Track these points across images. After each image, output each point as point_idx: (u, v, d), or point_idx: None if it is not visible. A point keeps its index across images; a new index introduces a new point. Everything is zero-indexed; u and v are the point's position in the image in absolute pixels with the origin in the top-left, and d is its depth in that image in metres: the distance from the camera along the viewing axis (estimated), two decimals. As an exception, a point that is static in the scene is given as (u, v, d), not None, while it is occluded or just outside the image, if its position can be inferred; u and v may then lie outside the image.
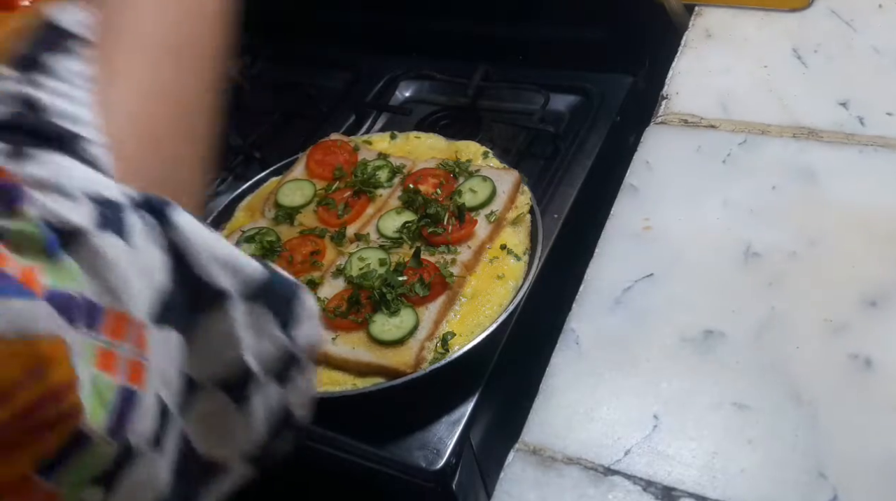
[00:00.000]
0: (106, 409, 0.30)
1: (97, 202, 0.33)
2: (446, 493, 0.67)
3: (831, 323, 0.62)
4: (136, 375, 0.32)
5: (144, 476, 0.33)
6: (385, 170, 0.83)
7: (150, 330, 0.33)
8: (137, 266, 0.33)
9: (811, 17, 0.92)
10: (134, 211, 0.34)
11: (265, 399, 0.39)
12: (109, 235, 0.32)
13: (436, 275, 0.70)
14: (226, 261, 0.36)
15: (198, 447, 0.37)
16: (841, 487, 0.53)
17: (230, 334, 0.37)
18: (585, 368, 0.63)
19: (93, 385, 0.30)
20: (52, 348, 0.28)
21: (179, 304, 0.35)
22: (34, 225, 0.30)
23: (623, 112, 0.95)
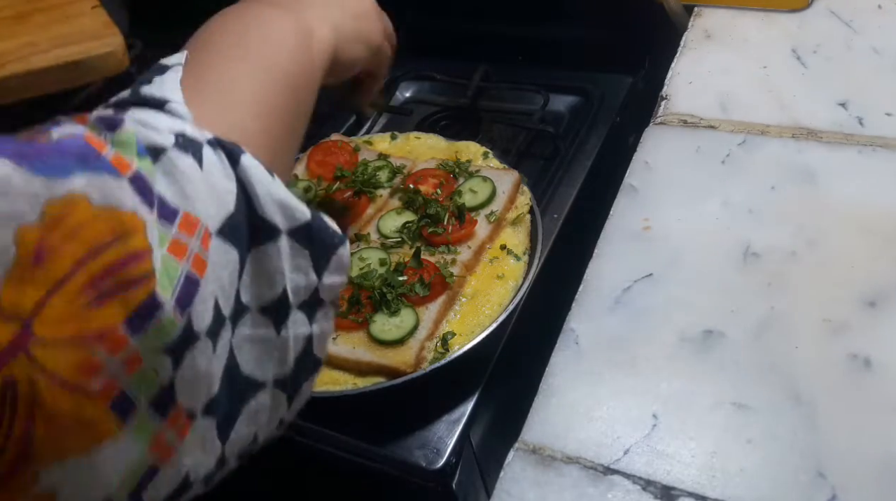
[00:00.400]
0: (172, 284, 0.35)
1: (178, 135, 0.39)
2: (446, 492, 0.67)
3: (831, 323, 0.63)
4: (200, 267, 0.37)
5: (204, 364, 0.37)
6: (385, 171, 0.83)
7: (215, 239, 0.38)
8: (208, 185, 0.39)
9: (811, 17, 0.92)
10: (209, 147, 0.40)
11: (295, 329, 0.44)
12: (186, 155, 0.38)
13: (436, 275, 0.70)
14: (280, 201, 0.42)
15: (241, 362, 0.41)
16: (840, 487, 0.53)
17: (277, 265, 0.42)
18: (585, 368, 0.63)
19: (163, 263, 0.35)
20: (132, 220, 0.34)
21: (241, 229, 0.40)
22: (131, 136, 0.37)
23: (623, 112, 0.96)
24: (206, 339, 0.37)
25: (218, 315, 0.39)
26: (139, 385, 0.34)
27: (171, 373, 0.36)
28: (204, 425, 0.39)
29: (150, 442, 0.36)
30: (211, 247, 0.38)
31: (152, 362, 0.34)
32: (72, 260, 0.32)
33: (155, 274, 0.34)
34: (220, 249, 0.39)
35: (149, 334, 0.34)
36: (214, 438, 0.40)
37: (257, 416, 0.44)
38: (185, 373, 0.36)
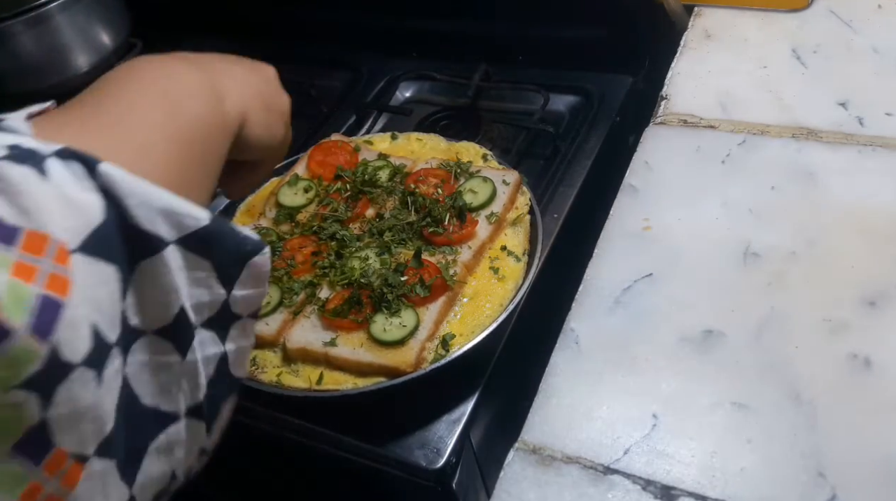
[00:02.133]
0: (25, 310, 0.30)
1: (11, 147, 0.33)
2: (446, 492, 0.67)
3: (831, 322, 0.63)
4: (59, 287, 0.32)
5: (87, 398, 0.33)
6: (386, 171, 0.83)
7: (77, 256, 0.33)
8: (59, 198, 0.33)
9: (810, 17, 0.92)
10: (57, 158, 0.34)
11: (203, 351, 0.40)
12: (21, 166, 0.32)
13: (437, 277, 0.70)
14: (163, 209, 0.36)
15: (142, 395, 0.37)
16: (840, 486, 0.53)
17: (168, 282, 0.37)
18: (585, 368, 0.63)
19: (9, 289, 0.30)
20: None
21: (114, 243, 0.35)
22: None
23: (623, 112, 0.96)
24: (85, 369, 0.32)
25: (99, 341, 0.33)
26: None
27: (39, 411, 0.31)
28: (101, 468, 0.34)
29: (22, 495, 0.31)
30: (73, 265, 0.33)
31: (6, 400, 0.29)
32: None
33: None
34: (89, 267, 0.33)
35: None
36: (117, 482, 0.35)
37: (171, 452, 0.39)
38: (60, 411, 0.31)
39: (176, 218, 0.37)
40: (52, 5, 1.11)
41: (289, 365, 0.69)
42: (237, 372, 0.43)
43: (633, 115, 0.93)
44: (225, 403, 0.43)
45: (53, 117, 0.40)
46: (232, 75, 0.53)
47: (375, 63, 1.11)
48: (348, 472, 0.74)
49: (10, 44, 1.11)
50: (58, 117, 0.40)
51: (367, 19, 1.15)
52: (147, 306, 0.37)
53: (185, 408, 0.39)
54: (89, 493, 0.33)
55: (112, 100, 0.42)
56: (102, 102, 0.42)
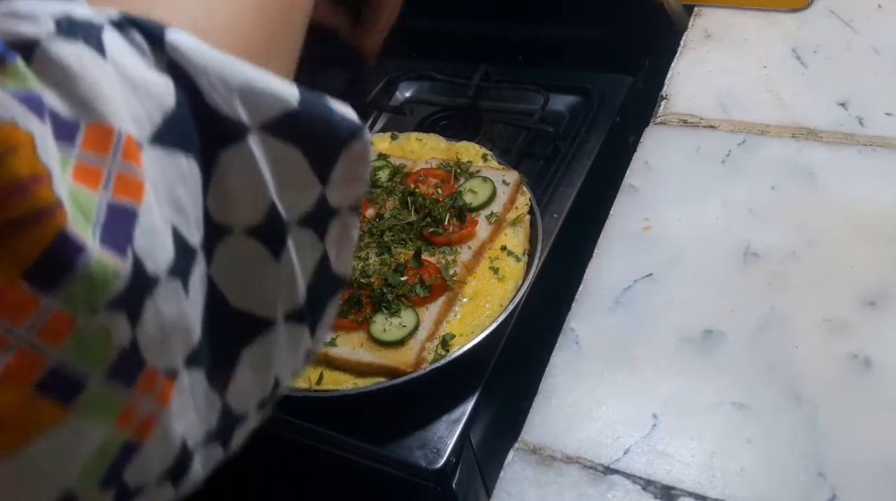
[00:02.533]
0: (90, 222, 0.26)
1: (61, 20, 0.27)
2: (446, 492, 0.67)
3: (831, 323, 0.63)
4: (131, 190, 0.27)
5: (174, 311, 0.29)
6: (386, 171, 0.83)
7: (149, 149, 0.28)
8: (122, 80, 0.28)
9: (810, 17, 0.92)
10: (115, 29, 0.29)
11: (301, 251, 0.35)
12: (74, 44, 0.27)
13: (437, 278, 0.71)
14: (243, 87, 0.31)
15: (230, 296, 0.33)
16: (840, 487, 0.53)
17: (255, 174, 0.32)
18: (585, 368, 0.63)
19: (73, 198, 0.25)
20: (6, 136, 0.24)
21: (192, 132, 0.30)
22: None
23: (623, 112, 0.96)
24: (171, 280, 0.29)
25: (182, 246, 0.30)
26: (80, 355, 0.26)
27: (129, 333, 0.27)
28: (191, 380, 0.31)
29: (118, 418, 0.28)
30: (145, 161, 0.28)
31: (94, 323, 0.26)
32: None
33: (62, 206, 0.25)
34: (164, 161, 0.29)
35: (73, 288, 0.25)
36: (207, 390, 0.32)
37: (269, 358, 0.35)
38: (149, 328, 0.28)
39: (258, 98, 0.31)
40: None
41: (289, 365, 0.69)
42: (341, 269, 0.38)
43: (633, 115, 0.93)
44: (329, 303, 0.38)
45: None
46: None
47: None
48: (348, 472, 0.74)
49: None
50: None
51: (367, 19, 1.15)
52: (233, 201, 0.32)
53: (283, 313, 0.35)
54: (181, 407, 0.30)
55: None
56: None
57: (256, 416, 0.36)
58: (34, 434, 0.26)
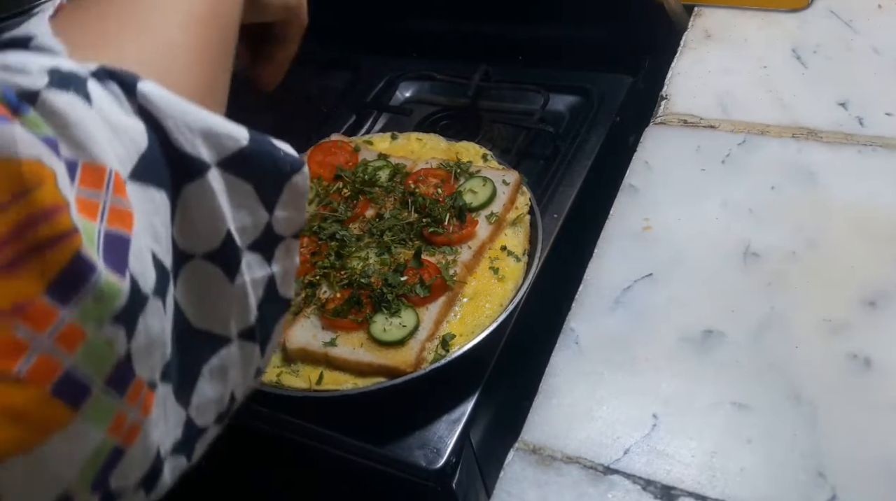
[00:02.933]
0: (94, 247, 0.29)
1: (52, 72, 0.31)
2: (446, 492, 0.67)
3: (831, 323, 0.63)
4: (123, 220, 0.31)
5: (157, 327, 0.33)
6: (386, 171, 0.83)
7: (130, 184, 0.32)
8: (105, 124, 0.32)
9: (811, 17, 0.92)
10: (96, 80, 0.33)
11: (251, 274, 0.39)
12: (66, 93, 0.31)
13: (437, 278, 0.70)
14: (203, 130, 0.35)
15: (190, 315, 0.37)
16: (840, 486, 0.53)
17: (214, 205, 0.36)
18: (585, 368, 0.63)
19: (82, 226, 0.29)
20: (34, 171, 0.28)
21: (160, 168, 0.34)
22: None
23: (623, 112, 0.96)
24: (155, 299, 0.33)
25: (160, 270, 0.34)
26: (89, 363, 0.29)
27: (125, 345, 0.31)
28: (163, 393, 0.34)
29: (111, 425, 0.31)
30: (129, 195, 0.32)
31: (101, 336, 0.30)
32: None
33: (78, 232, 0.29)
34: (142, 194, 0.33)
35: (85, 303, 0.29)
36: (174, 404, 0.36)
37: (225, 374, 0.39)
38: (140, 342, 0.32)
39: (216, 139, 0.36)
40: (52, 5, 1.11)
41: (289, 365, 0.69)
42: (285, 292, 0.42)
43: (633, 115, 0.93)
44: (276, 324, 0.42)
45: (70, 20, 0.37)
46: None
47: (375, 63, 1.11)
48: (348, 472, 0.74)
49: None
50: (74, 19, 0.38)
51: (367, 19, 1.15)
52: (194, 230, 0.36)
53: (236, 331, 0.39)
54: (157, 418, 0.34)
55: None
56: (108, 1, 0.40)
57: (215, 429, 0.40)
58: (48, 433, 0.28)
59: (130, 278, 0.31)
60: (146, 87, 0.34)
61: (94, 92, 0.32)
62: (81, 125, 0.31)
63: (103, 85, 0.33)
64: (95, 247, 0.29)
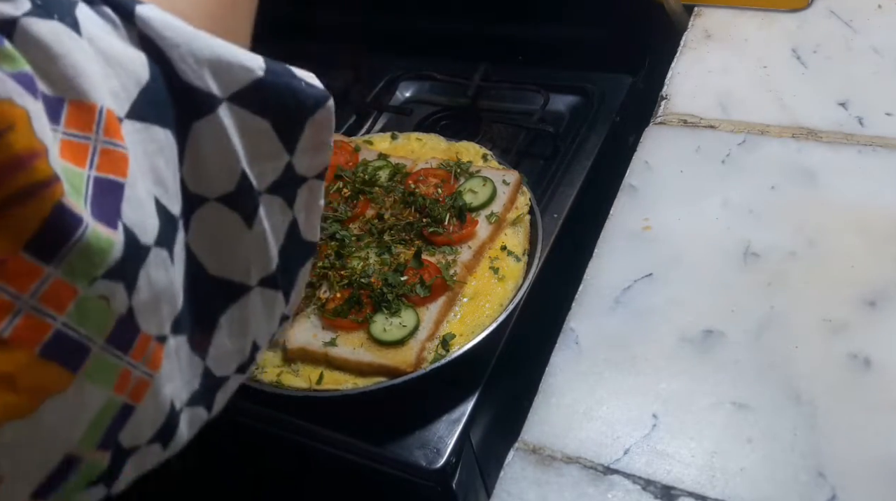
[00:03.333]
0: (81, 195, 0.26)
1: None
2: (446, 492, 0.67)
3: (831, 323, 0.63)
4: (116, 165, 0.28)
5: (163, 278, 0.30)
6: (386, 171, 0.83)
7: (128, 123, 0.29)
8: (98, 56, 0.28)
9: (810, 17, 0.92)
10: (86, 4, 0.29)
11: (271, 218, 0.36)
12: (50, 22, 0.27)
13: (437, 278, 0.71)
14: (211, 59, 0.31)
15: (207, 263, 0.34)
16: (840, 487, 0.53)
17: (226, 144, 0.33)
18: (585, 368, 0.63)
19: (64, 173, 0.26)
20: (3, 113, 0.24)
21: (166, 105, 0.31)
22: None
23: (623, 112, 0.96)
24: (159, 249, 0.30)
25: (166, 216, 0.30)
26: (85, 321, 0.27)
27: (126, 301, 0.28)
28: (176, 344, 0.32)
29: (116, 384, 0.29)
30: (126, 135, 0.29)
31: (94, 292, 0.27)
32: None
33: (59, 180, 0.25)
34: (142, 134, 0.29)
35: (71, 258, 0.26)
36: (189, 354, 0.34)
37: (245, 323, 0.36)
38: (142, 296, 0.29)
39: (227, 69, 0.32)
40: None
41: (289, 365, 0.69)
42: (309, 236, 0.39)
43: (633, 115, 0.93)
44: (301, 269, 0.39)
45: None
46: None
47: (375, 63, 1.11)
48: (348, 472, 0.74)
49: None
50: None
51: (367, 19, 1.15)
52: (206, 171, 0.33)
53: (257, 279, 0.36)
54: (169, 371, 0.32)
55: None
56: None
57: (237, 379, 0.37)
58: (45, 397, 0.26)
59: (125, 229, 0.28)
60: (145, 11, 0.30)
61: (83, 18, 0.28)
62: (67, 57, 0.27)
63: (95, 9, 0.29)
64: (83, 196, 0.26)
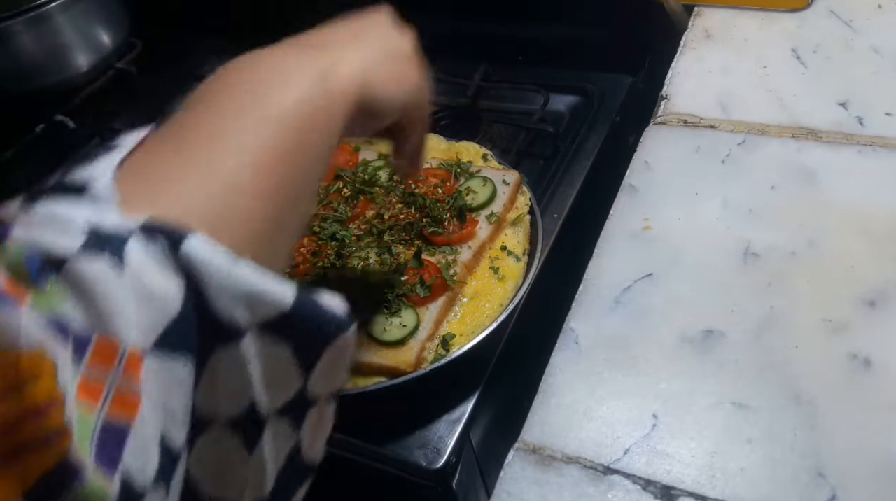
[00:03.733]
0: (89, 440, 0.28)
1: (92, 232, 0.30)
2: (446, 492, 0.67)
3: (831, 323, 0.63)
4: (125, 408, 0.29)
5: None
6: (386, 171, 0.83)
7: (149, 359, 0.31)
8: (134, 292, 0.30)
9: (811, 17, 0.92)
10: (140, 236, 0.31)
11: (275, 442, 0.36)
12: (97, 261, 0.30)
13: (437, 278, 0.71)
14: (246, 293, 0.33)
15: (202, 487, 0.34)
16: (840, 487, 0.53)
17: (244, 371, 0.34)
18: (585, 368, 0.63)
19: (78, 417, 0.27)
20: (33, 363, 0.26)
21: (191, 334, 0.32)
22: (17, 252, 0.29)
23: (623, 112, 0.96)
24: (156, 489, 0.30)
25: (167, 451, 0.31)
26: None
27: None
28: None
29: None
30: (145, 371, 0.30)
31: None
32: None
33: (69, 432, 0.27)
34: (162, 368, 0.31)
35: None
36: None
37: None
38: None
39: (258, 302, 0.33)
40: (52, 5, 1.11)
41: (289, 365, 0.69)
42: (312, 457, 0.40)
43: (633, 115, 0.93)
44: (295, 494, 0.40)
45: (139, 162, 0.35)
46: (336, 39, 0.47)
47: (375, 63, 1.10)
48: (348, 472, 0.74)
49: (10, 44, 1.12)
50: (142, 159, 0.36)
51: (367, 19, 1.15)
52: (219, 396, 0.34)
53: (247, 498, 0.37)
54: None
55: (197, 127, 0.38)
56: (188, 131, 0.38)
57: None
58: None
59: (123, 473, 0.29)
60: (191, 246, 0.32)
61: (131, 253, 0.31)
62: (105, 297, 0.29)
63: (147, 242, 0.31)
64: (89, 440, 0.28)
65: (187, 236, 0.32)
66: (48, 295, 0.28)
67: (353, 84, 0.45)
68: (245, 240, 0.34)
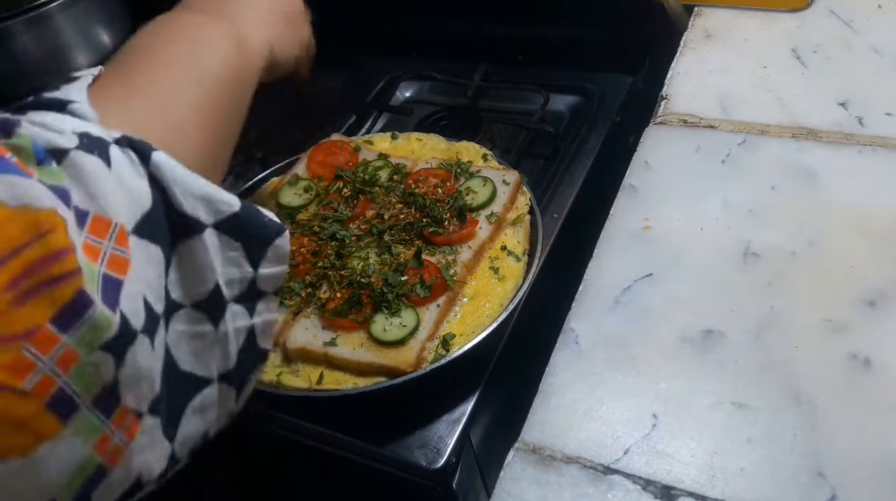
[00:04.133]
0: (95, 284, 0.35)
1: (82, 135, 0.38)
2: (447, 492, 0.67)
3: (831, 323, 0.63)
4: (119, 266, 0.37)
5: (145, 362, 0.38)
6: (386, 171, 0.83)
7: (132, 237, 0.38)
8: (119, 185, 0.38)
9: (811, 17, 0.92)
10: (117, 146, 0.39)
11: (235, 322, 0.45)
12: (91, 155, 0.38)
13: (437, 278, 0.70)
14: (203, 195, 0.42)
15: (179, 360, 0.42)
16: (840, 487, 0.53)
17: (206, 260, 0.42)
18: (585, 368, 0.63)
19: (85, 266, 0.34)
20: (50, 219, 0.34)
21: (162, 227, 0.40)
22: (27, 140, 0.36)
23: (623, 112, 0.96)
24: (144, 337, 0.38)
25: (150, 313, 0.39)
26: (78, 383, 0.34)
27: (113, 372, 0.36)
28: (151, 424, 0.39)
29: (96, 443, 0.35)
30: (130, 246, 0.38)
31: (90, 359, 0.34)
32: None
33: (81, 272, 0.34)
34: (141, 247, 0.39)
35: (82, 331, 0.34)
36: (161, 437, 0.40)
37: (205, 412, 0.44)
38: (127, 372, 0.36)
39: (213, 204, 0.42)
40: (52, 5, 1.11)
41: (289, 365, 0.69)
42: (264, 343, 0.48)
43: (633, 115, 0.93)
44: (252, 373, 0.47)
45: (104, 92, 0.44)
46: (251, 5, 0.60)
47: (375, 63, 1.11)
48: (348, 472, 0.74)
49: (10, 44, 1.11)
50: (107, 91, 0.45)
51: (367, 19, 1.15)
52: (186, 281, 0.42)
53: (217, 374, 0.44)
54: (141, 446, 0.38)
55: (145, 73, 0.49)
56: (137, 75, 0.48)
57: (186, 460, 0.44)
58: (39, 441, 0.33)
59: (121, 314, 0.36)
60: (158, 158, 0.40)
61: (114, 156, 0.39)
62: (99, 183, 0.37)
63: (123, 151, 0.40)
64: (96, 284, 0.35)
65: (153, 152, 0.41)
66: (53, 173, 0.36)
67: (263, 50, 0.59)
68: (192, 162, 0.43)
